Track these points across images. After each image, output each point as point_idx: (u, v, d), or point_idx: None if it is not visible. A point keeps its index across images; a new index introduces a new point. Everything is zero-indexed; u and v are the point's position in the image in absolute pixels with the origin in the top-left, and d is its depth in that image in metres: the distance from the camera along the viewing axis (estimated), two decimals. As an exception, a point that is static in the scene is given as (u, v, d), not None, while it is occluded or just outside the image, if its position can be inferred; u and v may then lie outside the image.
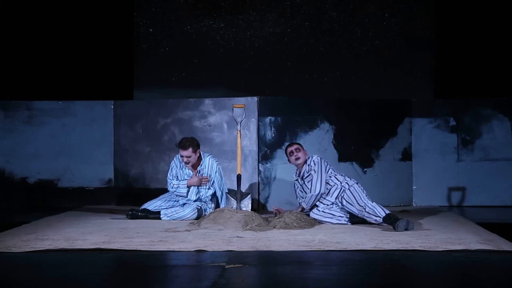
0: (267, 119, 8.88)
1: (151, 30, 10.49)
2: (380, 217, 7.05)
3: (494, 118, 9.35)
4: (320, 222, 7.28)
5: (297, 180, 7.64)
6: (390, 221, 6.91)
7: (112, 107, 9.39)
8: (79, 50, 10.47)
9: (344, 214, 7.31)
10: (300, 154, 7.58)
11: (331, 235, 6.49)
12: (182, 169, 7.75)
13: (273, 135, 8.90)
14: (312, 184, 7.43)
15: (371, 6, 10.40)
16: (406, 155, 9.33)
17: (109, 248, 5.82)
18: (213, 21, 10.47)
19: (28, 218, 7.65)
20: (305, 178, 7.54)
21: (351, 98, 9.55)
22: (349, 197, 7.34)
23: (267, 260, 5.40)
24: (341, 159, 9.08)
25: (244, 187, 8.17)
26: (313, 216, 7.33)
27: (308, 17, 10.46)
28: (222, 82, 10.37)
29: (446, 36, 10.40)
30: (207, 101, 9.10)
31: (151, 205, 7.74)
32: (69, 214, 8.25)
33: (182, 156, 7.62)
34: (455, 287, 4.67)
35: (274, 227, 6.89)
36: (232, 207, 7.38)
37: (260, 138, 8.73)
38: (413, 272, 5.06)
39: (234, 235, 6.47)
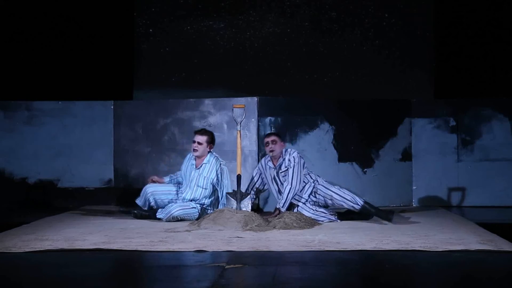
0: (267, 119, 8.87)
1: (151, 30, 10.49)
2: (358, 205, 7.42)
3: (494, 118, 9.35)
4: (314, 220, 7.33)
5: (271, 168, 7.71)
6: (375, 212, 7.37)
7: (112, 107, 9.39)
8: (79, 51, 10.47)
9: (334, 212, 7.57)
10: (275, 147, 7.66)
11: (331, 235, 6.49)
12: (188, 164, 7.74)
13: (273, 135, 8.89)
14: (288, 180, 7.51)
15: (371, 6, 10.39)
16: (406, 155, 9.33)
17: (109, 248, 5.82)
18: (213, 22, 10.46)
19: (27, 218, 7.64)
20: (281, 172, 7.66)
21: (351, 98, 9.55)
22: (323, 190, 7.54)
23: (267, 261, 5.40)
24: (341, 159, 9.09)
25: (244, 188, 8.15)
26: (303, 212, 7.41)
27: (308, 17, 10.46)
28: (222, 82, 10.37)
29: (446, 37, 10.40)
30: (207, 101, 9.10)
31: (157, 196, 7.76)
32: (69, 214, 8.25)
33: (194, 142, 7.63)
34: (455, 287, 4.67)
35: (274, 228, 6.89)
36: (232, 208, 7.38)
37: (260, 138, 8.73)
38: (413, 272, 5.06)
39: (234, 236, 6.47)
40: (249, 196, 7.57)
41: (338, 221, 7.51)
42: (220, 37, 10.48)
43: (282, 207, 7.55)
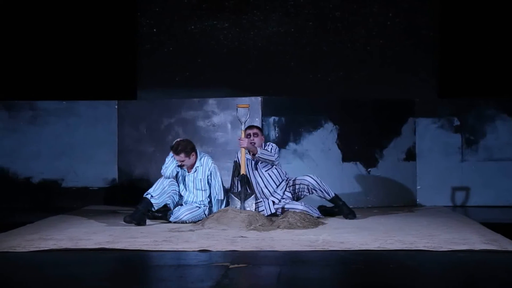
0: (271, 119, 8.87)
1: (154, 30, 10.49)
2: (330, 195, 7.71)
3: (498, 118, 9.34)
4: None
5: (249, 160, 7.77)
6: (341, 204, 7.68)
7: (116, 107, 9.40)
8: (83, 50, 10.47)
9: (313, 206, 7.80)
10: (256, 140, 7.75)
11: (335, 235, 6.48)
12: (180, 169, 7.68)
13: (277, 135, 8.90)
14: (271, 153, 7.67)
15: (375, 6, 10.38)
16: (410, 155, 9.32)
17: (113, 248, 5.83)
18: (217, 21, 10.46)
19: (31, 218, 7.66)
20: (261, 163, 7.77)
21: (354, 98, 9.55)
22: (298, 178, 7.80)
23: (271, 260, 5.40)
24: (345, 159, 9.08)
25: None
26: (295, 207, 7.58)
27: (312, 17, 10.45)
28: (226, 82, 10.36)
29: (450, 36, 10.39)
30: (211, 101, 9.10)
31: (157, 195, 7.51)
32: (73, 214, 8.26)
33: (177, 160, 7.54)
34: (459, 287, 4.66)
35: (278, 227, 6.89)
36: (236, 207, 7.38)
37: (264, 138, 8.71)
38: (417, 272, 5.06)
39: (238, 235, 6.47)
40: (253, 196, 7.57)
41: (321, 215, 7.76)
42: (223, 37, 10.48)
43: (260, 151, 7.56)
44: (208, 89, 10.24)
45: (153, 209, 7.43)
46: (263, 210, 7.70)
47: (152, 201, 7.36)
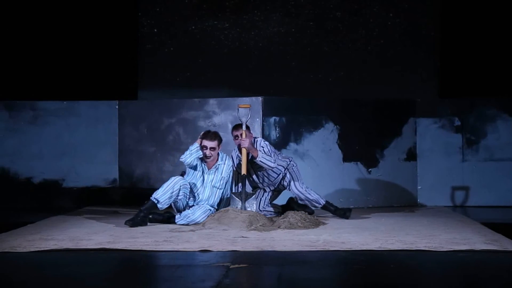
0: (272, 119, 8.87)
1: (155, 30, 10.50)
2: (320, 204, 7.74)
3: (499, 118, 9.34)
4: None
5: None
6: (334, 211, 7.74)
7: (116, 107, 9.40)
8: (84, 50, 10.47)
9: (277, 210, 7.83)
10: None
11: (336, 235, 6.49)
12: (199, 164, 7.57)
13: (277, 135, 8.90)
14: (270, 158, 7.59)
15: (376, 6, 10.38)
16: (411, 155, 9.32)
17: (114, 248, 5.83)
18: (218, 21, 10.46)
19: (32, 218, 7.66)
20: (254, 166, 7.73)
21: (355, 98, 9.55)
22: (291, 185, 7.78)
23: (272, 260, 5.40)
24: (346, 159, 9.08)
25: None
26: (253, 205, 7.52)
27: (313, 17, 10.45)
28: (227, 82, 10.36)
29: (450, 36, 10.39)
30: (212, 101, 9.10)
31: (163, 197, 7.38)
32: (74, 214, 8.26)
33: (205, 148, 7.34)
34: (460, 287, 4.67)
35: (278, 227, 6.89)
36: (236, 207, 7.38)
37: (265, 138, 8.72)
38: (418, 272, 5.06)
39: (239, 235, 6.47)
40: (254, 196, 7.57)
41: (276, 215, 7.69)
42: (224, 37, 10.48)
43: (261, 155, 7.49)
44: (208, 89, 10.25)
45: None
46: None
47: (158, 206, 7.23)
